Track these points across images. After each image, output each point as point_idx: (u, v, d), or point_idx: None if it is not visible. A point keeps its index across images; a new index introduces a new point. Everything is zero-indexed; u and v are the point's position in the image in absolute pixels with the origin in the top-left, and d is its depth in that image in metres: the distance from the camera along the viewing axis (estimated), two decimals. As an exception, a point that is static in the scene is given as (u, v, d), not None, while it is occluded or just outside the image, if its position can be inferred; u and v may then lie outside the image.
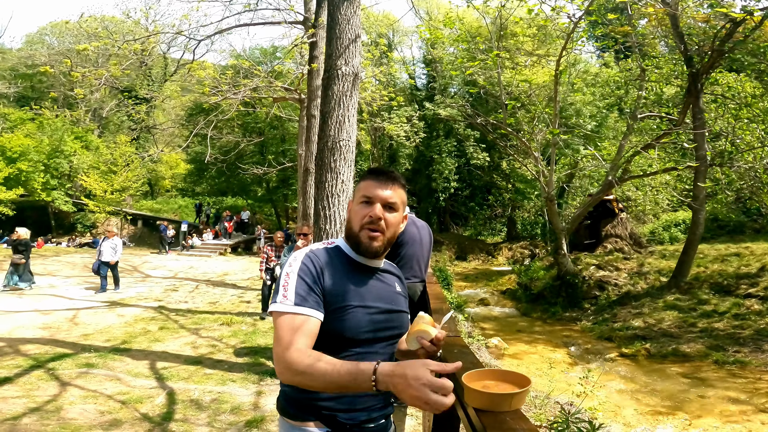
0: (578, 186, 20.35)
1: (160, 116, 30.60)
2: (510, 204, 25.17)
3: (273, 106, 12.98)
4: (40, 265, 13.44)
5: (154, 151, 18.03)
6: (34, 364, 4.82)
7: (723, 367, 7.70)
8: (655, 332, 9.50)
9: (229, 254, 20.32)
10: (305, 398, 1.30)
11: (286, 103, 15.18)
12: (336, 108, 4.19)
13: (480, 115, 15.22)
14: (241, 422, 3.69)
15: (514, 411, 1.08)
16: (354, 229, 1.33)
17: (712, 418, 5.84)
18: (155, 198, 31.12)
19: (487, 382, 1.19)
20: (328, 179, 4.16)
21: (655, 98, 12.42)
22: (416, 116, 19.28)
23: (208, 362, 5.30)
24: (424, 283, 3.87)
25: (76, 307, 8.13)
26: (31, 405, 3.79)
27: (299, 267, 1.29)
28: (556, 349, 9.34)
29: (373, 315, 1.31)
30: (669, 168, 11.61)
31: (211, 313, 8.20)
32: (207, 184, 26.56)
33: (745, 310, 9.52)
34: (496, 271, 19.69)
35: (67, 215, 21.86)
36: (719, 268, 11.73)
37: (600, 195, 13.39)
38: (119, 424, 3.54)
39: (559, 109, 12.38)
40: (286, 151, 22.79)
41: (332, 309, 1.27)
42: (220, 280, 12.76)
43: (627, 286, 12.30)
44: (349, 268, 1.35)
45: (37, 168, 19.52)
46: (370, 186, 1.33)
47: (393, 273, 1.50)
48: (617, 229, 16.11)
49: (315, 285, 1.26)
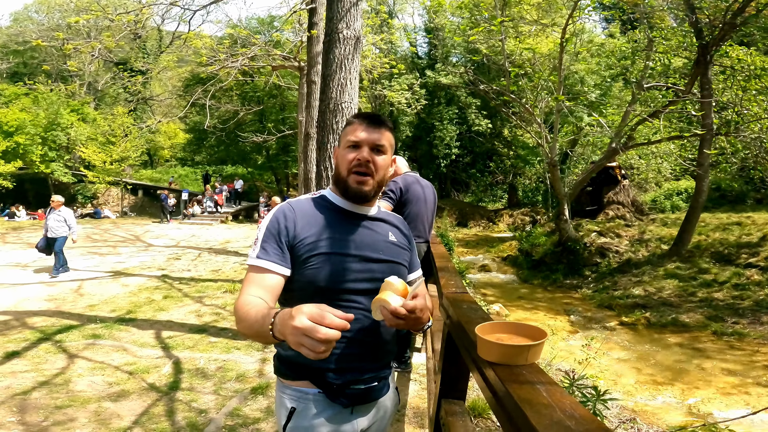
0: (581, 153, 20.24)
1: (156, 87, 30.25)
2: (511, 171, 25.14)
3: (272, 75, 12.73)
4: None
5: (152, 122, 17.80)
6: (41, 337, 4.86)
7: (721, 338, 7.79)
8: (655, 301, 9.59)
9: (231, 222, 20.41)
10: (298, 358, 1.27)
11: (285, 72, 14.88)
12: (338, 71, 4.09)
13: (483, 82, 14.97)
14: (246, 389, 3.74)
15: (530, 364, 1.02)
16: (342, 174, 1.30)
17: (709, 389, 5.91)
18: (155, 168, 31.13)
19: (500, 335, 1.12)
20: (330, 141, 4.11)
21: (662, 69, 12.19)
22: (417, 84, 18.99)
23: (212, 330, 5.36)
24: (428, 243, 3.86)
25: (80, 278, 8.17)
26: (40, 378, 3.82)
27: (268, 221, 1.29)
28: (556, 316, 9.44)
29: (352, 263, 1.26)
30: (674, 136, 11.54)
31: (213, 281, 8.24)
32: (206, 153, 26.76)
33: (745, 280, 9.57)
34: (497, 238, 19.77)
35: (68, 187, 21.86)
36: (720, 236, 11.74)
37: (603, 162, 13.32)
38: (127, 395, 3.58)
39: (563, 77, 12.21)
40: (286, 119, 22.64)
41: (306, 257, 1.24)
42: (222, 247, 12.82)
43: (628, 253, 12.35)
44: (330, 215, 1.31)
45: (34, 141, 19.44)
46: (357, 130, 1.29)
47: (388, 222, 1.42)
48: (619, 195, 16.07)
49: (280, 237, 1.25)
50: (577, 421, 0.72)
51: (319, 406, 1.29)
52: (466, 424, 1.63)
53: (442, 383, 1.86)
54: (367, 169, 1.28)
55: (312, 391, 1.29)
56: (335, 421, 1.30)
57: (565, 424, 0.71)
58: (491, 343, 1.05)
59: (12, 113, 19.34)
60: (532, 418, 0.75)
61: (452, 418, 1.69)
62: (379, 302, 1.12)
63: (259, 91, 21.93)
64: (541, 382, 0.91)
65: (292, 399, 1.30)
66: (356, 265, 1.27)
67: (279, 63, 10.74)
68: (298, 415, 1.29)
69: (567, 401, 0.80)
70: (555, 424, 0.71)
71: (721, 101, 11.16)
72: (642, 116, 11.72)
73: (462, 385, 1.84)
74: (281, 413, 1.33)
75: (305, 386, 1.30)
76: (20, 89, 21.66)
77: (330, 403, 1.29)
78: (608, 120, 12.78)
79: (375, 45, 13.67)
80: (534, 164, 23.52)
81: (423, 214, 3.73)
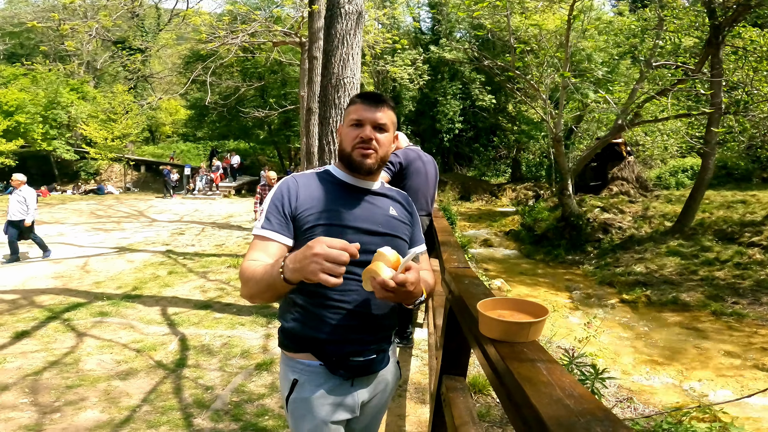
0: (586, 129, 20.06)
1: (156, 65, 30.03)
2: (515, 145, 25.07)
3: (273, 51, 12.56)
4: (47, 214, 13.57)
5: (152, 99, 17.76)
6: (49, 316, 4.90)
7: (720, 318, 7.80)
8: (656, 279, 9.62)
9: (233, 196, 20.47)
10: (300, 331, 1.34)
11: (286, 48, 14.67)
12: (340, 46, 4.04)
13: (487, 58, 14.75)
14: (251, 366, 3.81)
15: (531, 342, 1.02)
16: (346, 150, 1.34)
17: (706, 371, 5.94)
18: (157, 144, 31.18)
19: (501, 312, 1.11)
20: (332, 115, 4.10)
21: (672, 48, 12.00)
22: (420, 59, 18.72)
23: (217, 306, 5.42)
24: (430, 217, 3.88)
25: (86, 255, 8.24)
26: (50, 358, 3.86)
27: (273, 193, 1.35)
28: (558, 292, 9.48)
29: (349, 235, 1.29)
30: (682, 114, 11.43)
31: (217, 256, 8.31)
32: (208, 129, 26.86)
33: (747, 260, 9.56)
34: (499, 212, 19.77)
35: (70, 163, 21.94)
36: (724, 214, 11.69)
37: (608, 138, 13.22)
38: (135, 373, 3.64)
39: (570, 54, 12.03)
40: (288, 95, 22.52)
41: (306, 228, 1.29)
42: (225, 222, 12.88)
43: (631, 229, 12.32)
44: (332, 188, 1.36)
45: (35, 120, 19.52)
46: (360, 109, 1.33)
47: (390, 197, 1.46)
48: (624, 172, 15.95)
49: (283, 208, 1.30)
50: (576, 399, 0.73)
51: (320, 378, 1.33)
52: (466, 401, 1.66)
53: (443, 359, 1.87)
54: (371, 145, 1.32)
55: (313, 364, 1.33)
56: (336, 393, 1.34)
57: (564, 403, 0.72)
58: (493, 319, 1.04)
59: (11, 93, 19.35)
60: (531, 395, 0.75)
61: (453, 394, 1.71)
62: (370, 272, 1.12)
63: (260, 67, 21.77)
64: (541, 360, 0.91)
65: (295, 371, 1.35)
66: (353, 237, 1.28)
67: (280, 39, 10.61)
68: (301, 386, 1.34)
69: (567, 380, 0.81)
70: (554, 402, 0.72)
71: (731, 81, 11.03)
72: (650, 94, 11.58)
73: (463, 361, 1.85)
74: (284, 385, 1.38)
75: (307, 359, 1.34)
76: (18, 70, 21.62)
77: (331, 376, 1.33)
78: (615, 97, 12.63)
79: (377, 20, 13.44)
80: (538, 139, 23.43)
81: (425, 188, 3.76)
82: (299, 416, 1.36)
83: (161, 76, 30.35)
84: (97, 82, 27.66)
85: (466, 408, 1.60)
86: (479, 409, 3.19)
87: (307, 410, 1.34)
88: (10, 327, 4.57)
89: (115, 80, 28.55)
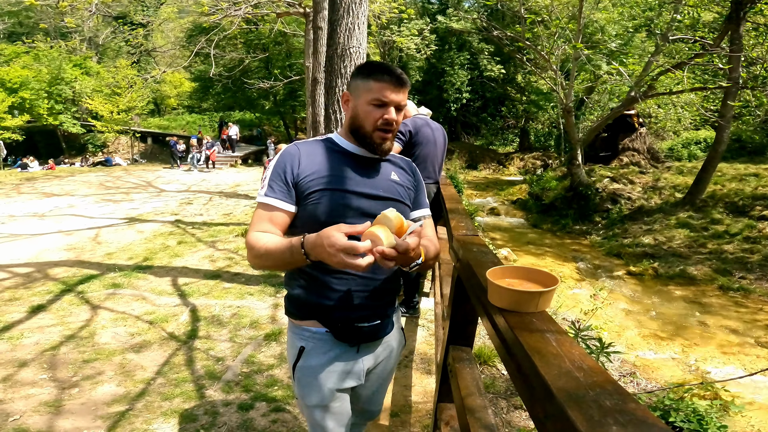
0: (597, 100, 19.71)
1: (159, 39, 29.73)
2: (524, 115, 24.83)
3: (277, 22, 12.33)
4: (56, 186, 13.68)
5: (156, 72, 17.63)
6: (64, 289, 4.97)
7: (727, 293, 7.76)
8: (664, 251, 9.57)
9: (240, 165, 20.53)
10: (305, 298, 1.36)
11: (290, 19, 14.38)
12: (345, 16, 3.96)
13: (497, 28, 14.41)
14: (260, 336, 3.88)
15: (540, 312, 1.00)
16: (366, 129, 1.33)
17: (709, 347, 5.94)
18: (162, 116, 31.21)
19: (510, 280, 1.09)
20: (338, 84, 4.08)
21: (691, 22, 11.66)
22: (428, 29, 18.30)
23: (226, 276, 5.48)
24: (437, 185, 3.89)
25: (97, 226, 8.31)
26: (66, 332, 3.93)
27: (276, 160, 1.36)
28: (564, 263, 9.46)
29: (350, 199, 1.32)
30: (698, 87, 11.22)
31: (225, 225, 8.36)
32: (213, 100, 26.95)
33: (757, 233, 9.46)
34: (507, 181, 19.67)
35: (77, 137, 22.06)
36: (736, 187, 11.52)
37: (621, 109, 13.00)
38: (149, 346, 3.71)
39: (582, 25, 11.72)
40: (293, 65, 22.31)
41: (308, 193, 1.30)
42: (233, 191, 12.92)
43: (640, 200, 12.21)
44: (334, 156, 1.36)
45: (39, 95, 19.61)
46: (386, 89, 1.30)
47: (392, 162, 1.47)
48: (635, 143, 15.73)
49: (285, 176, 1.31)
50: (585, 372, 0.73)
51: (326, 345, 1.36)
52: (473, 372, 1.67)
53: (450, 329, 1.87)
54: (393, 129, 1.33)
55: (320, 331, 1.36)
56: (342, 360, 1.37)
57: (573, 375, 0.72)
58: (502, 288, 1.02)
59: (14, 71, 19.43)
60: (541, 367, 0.75)
61: (460, 364, 1.72)
62: (370, 236, 1.08)
63: (264, 38, 21.50)
64: (550, 331, 0.91)
65: (302, 338, 1.38)
66: (355, 201, 1.32)
67: (283, 10, 10.43)
68: (307, 353, 1.37)
69: (576, 352, 0.81)
70: (564, 375, 0.72)
71: (750, 56, 10.77)
72: (665, 67, 11.34)
73: (470, 331, 1.85)
74: (291, 352, 1.41)
75: (313, 326, 1.37)
76: (20, 48, 21.54)
77: (337, 342, 1.36)
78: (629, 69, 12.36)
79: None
80: (547, 109, 23.20)
81: (433, 156, 3.76)
82: (306, 384, 1.38)
83: (164, 50, 30.14)
84: (100, 57, 27.57)
85: (472, 378, 1.62)
86: (485, 380, 3.23)
87: (313, 378, 1.36)
88: (26, 301, 4.64)
89: (117, 55, 28.42)
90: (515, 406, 2.98)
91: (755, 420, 4.10)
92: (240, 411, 2.82)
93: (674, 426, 2.63)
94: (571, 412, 0.62)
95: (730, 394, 4.15)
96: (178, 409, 2.84)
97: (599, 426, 0.59)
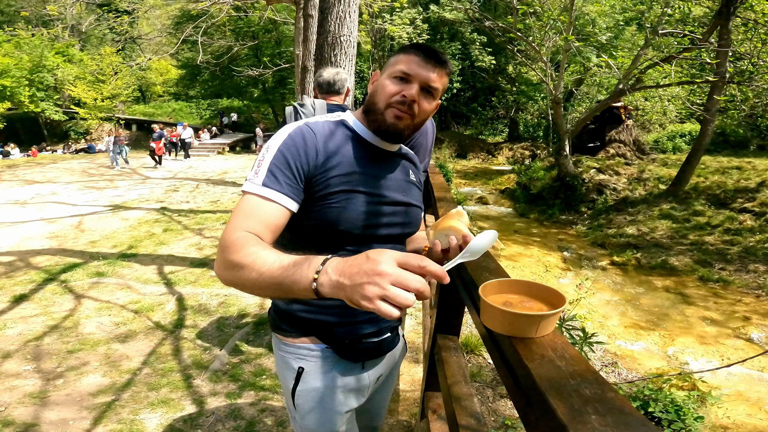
0: (586, 92, 19.89)
1: (144, 26, 29.20)
2: (513, 106, 24.99)
3: (266, 10, 12.16)
4: (38, 173, 13.41)
5: (142, 59, 17.33)
6: (47, 278, 4.89)
7: (706, 284, 7.95)
8: (647, 241, 9.75)
9: (227, 153, 20.37)
10: (298, 311, 1.15)
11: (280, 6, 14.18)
12: (336, 4, 3.94)
13: (489, 18, 14.41)
14: (247, 325, 3.87)
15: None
16: (378, 105, 1.07)
17: (688, 337, 6.08)
18: (148, 103, 30.76)
19: (509, 297, 0.91)
20: None
21: (681, 16, 11.79)
22: (420, 19, 18.22)
23: (213, 264, 5.43)
24: (426, 174, 3.90)
25: (80, 213, 8.16)
26: (50, 322, 3.87)
27: (283, 140, 1.03)
28: (550, 252, 9.60)
29: (378, 206, 1.09)
30: (685, 81, 11.39)
31: (212, 212, 8.28)
32: (200, 88, 26.60)
33: (738, 225, 9.68)
34: (495, 170, 19.83)
35: (59, 124, 21.79)
36: (719, 179, 11.75)
37: (609, 101, 13.19)
38: (134, 335, 3.68)
39: (574, 17, 11.79)
40: (282, 53, 22.15)
41: (325, 193, 1.03)
42: (220, 178, 12.80)
43: (625, 191, 12.43)
44: (356, 146, 1.10)
45: (21, 83, 19.39)
46: (413, 61, 1.05)
47: (408, 158, 1.24)
48: (622, 134, 15.97)
49: (298, 164, 1.01)
50: (567, 361, 0.74)
51: (328, 363, 1.16)
52: (459, 360, 1.70)
53: (437, 318, 1.88)
54: (410, 110, 1.05)
55: (319, 347, 1.16)
56: (347, 378, 1.18)
57: (555, 364, 0.74)
58: (495, 309, 0.84)
59: None
60: (524, 356, 0.77)
61: (446, 353, 1.74)
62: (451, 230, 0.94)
63: (254, 26, 21.30)
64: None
65: (299, 358, 1.16)
66: (384, 208, 1.11)
67: (273, -5, 10.27)
68: (308, 375, 1.16)
69: (559, 341, 0.82)
70: (546, 363, 0.74)
71: (738, 51, 10.95)
72: (654, 60, 11.49)
73: (457, 321, 1.87)
74: (287, 375, 1.18)
75: (311, 342, 1.16)
76: (1, 36, 21.05)
77: (339, 359, 1.17)
78: (618, 62, 12.48)
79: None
80: (537, 100, 23.48)
81: (424, 145, 3.75)
82: (310, 410, 1.18)
83: (150, 38, 29.66)
84: (83, 45, 27.18)
85: (458, 367, 1.64)
86: (471, 369, 3.28)
87: (318, 402, 1.17)
88: (9, 291, 4.56)
89: (101, 43, 27.99)
90: (501, 395, 3.03)
91: (731, 411, 4.23)
92: (228, 400, 2.82)
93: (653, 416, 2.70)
94: (552, 401, 0.64)
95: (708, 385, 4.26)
96: (165, 399, 2.83)
97: (579, 415, 0.60)
